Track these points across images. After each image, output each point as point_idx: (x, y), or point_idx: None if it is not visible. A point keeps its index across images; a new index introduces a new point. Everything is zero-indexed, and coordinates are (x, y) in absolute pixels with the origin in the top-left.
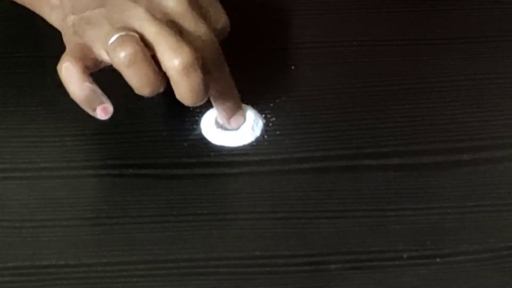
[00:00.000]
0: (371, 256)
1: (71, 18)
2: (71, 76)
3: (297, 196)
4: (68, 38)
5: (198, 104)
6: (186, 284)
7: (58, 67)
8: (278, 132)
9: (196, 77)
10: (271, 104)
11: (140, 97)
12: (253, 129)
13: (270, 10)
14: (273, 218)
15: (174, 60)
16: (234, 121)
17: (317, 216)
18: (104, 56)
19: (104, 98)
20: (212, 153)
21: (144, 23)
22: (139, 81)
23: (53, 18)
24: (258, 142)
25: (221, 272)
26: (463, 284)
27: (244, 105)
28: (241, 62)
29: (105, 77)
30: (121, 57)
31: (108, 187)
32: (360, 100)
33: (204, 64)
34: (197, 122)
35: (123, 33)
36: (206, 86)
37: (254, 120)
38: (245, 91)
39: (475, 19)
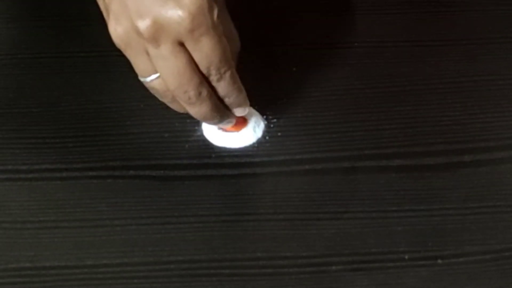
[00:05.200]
0: (373, 257)
1: None
2: None
3: (298, 198)
4: None
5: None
6: (188, 285)
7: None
8: (279, 134)
9: None
10: (273, 106)
11: (141, 98)
12: (254, 130)
13: (271, 11)
14: (275, 219)
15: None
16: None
17: (318, 218)
18: None
19: None
20: (213, 155)
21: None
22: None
23: None
24: (259, 143)
25: (223, 274)
26: (464, 285)
27: None
28: (242, 64)
29: (106, 78)
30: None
31: (109, 189)
32: (361, 102)
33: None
34: (199, 124)
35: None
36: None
37: (255, 122)
38: (246, 93)
39: (477, 21)
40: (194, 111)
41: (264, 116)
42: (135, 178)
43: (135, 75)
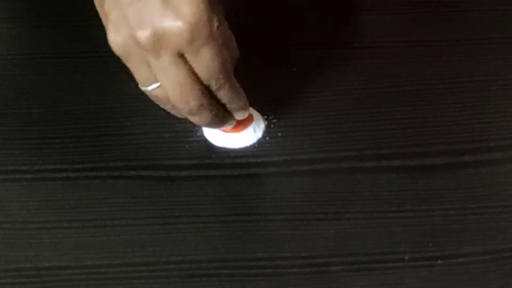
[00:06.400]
0: (373, 257)
1: None
2: None
3: (298, 198)
4: None
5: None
6: (188, 285)
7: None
8: (279, 134)
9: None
10: (273, 106)
11: (141, 99)
12: (254, 130)
13: (271, 11)
14: (275, 219)
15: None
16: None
17: (318, 218)
18: None
19: None
20: (213, 155)
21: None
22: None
23: None
24: (259, 143)
25: (223, 274)
26: (464, 285)
27: None
28: (243, 64)
29: (106, 78)
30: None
31: (110, 189)
32: (361, 102)
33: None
34: None
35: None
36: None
37: (255, 122)
38: (246, 93)
39: (477, 21)
40: (195, 119)
41: (265, 117)
42: (135, 179)
43: (136, 81)
